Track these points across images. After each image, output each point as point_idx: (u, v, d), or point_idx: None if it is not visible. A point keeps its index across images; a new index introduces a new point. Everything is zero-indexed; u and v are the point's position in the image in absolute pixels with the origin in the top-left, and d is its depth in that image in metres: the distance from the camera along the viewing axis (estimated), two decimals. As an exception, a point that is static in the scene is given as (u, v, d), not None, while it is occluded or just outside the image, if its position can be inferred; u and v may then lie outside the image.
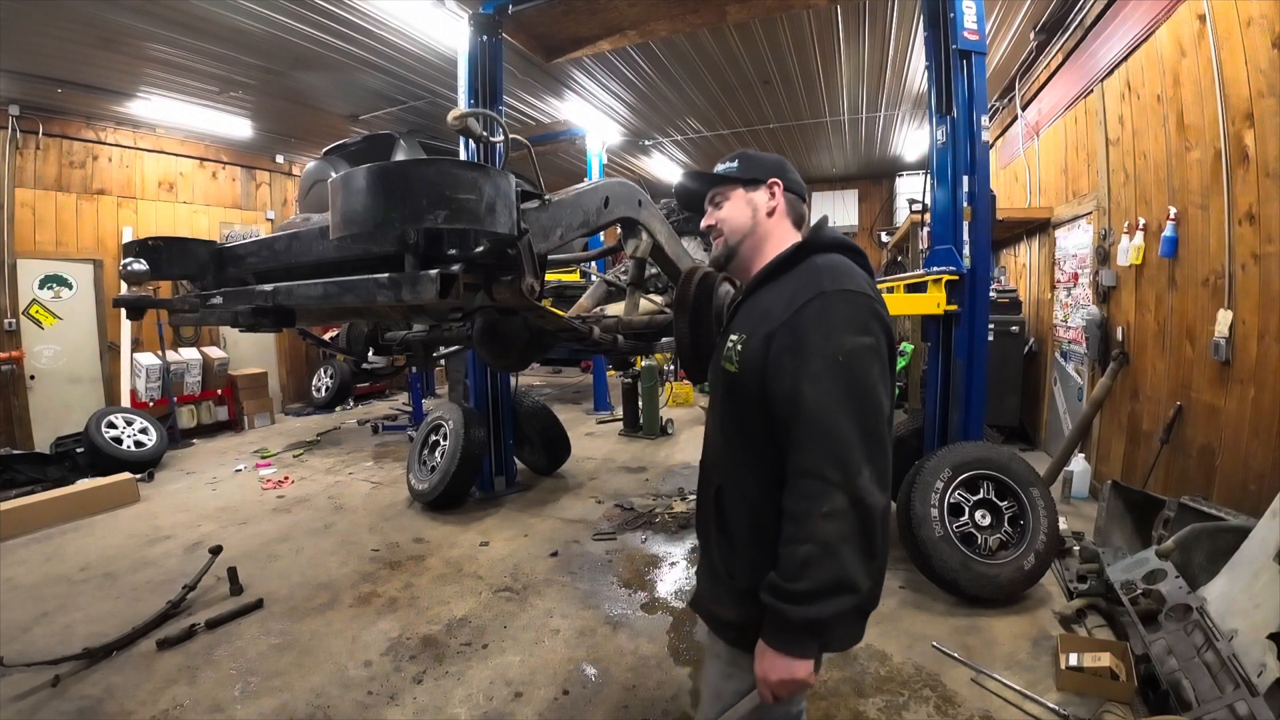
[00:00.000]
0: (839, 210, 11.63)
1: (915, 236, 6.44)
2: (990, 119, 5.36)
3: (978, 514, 3.16)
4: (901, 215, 9.28)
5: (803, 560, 1.03)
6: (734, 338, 1.24)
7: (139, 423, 6.00)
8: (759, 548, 1.17)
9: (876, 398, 1.08)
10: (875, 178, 11.34)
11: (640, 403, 6.85)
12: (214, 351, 7.46)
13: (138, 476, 5.30)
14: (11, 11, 4.21)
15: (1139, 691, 2.27)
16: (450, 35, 4.67)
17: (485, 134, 1.91)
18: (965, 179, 3.40)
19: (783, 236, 1.35)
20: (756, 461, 1.19)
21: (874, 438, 1.06)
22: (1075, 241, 5.00)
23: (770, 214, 1.36)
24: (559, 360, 10.47)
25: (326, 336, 5.63)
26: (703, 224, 1.44)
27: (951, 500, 3.14)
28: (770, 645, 1.08)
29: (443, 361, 7.36)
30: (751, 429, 1.20)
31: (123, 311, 2.49)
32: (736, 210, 1.37)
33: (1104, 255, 4.29)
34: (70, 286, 6.54)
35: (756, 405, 1.18)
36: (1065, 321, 5.19)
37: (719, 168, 1.41)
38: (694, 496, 4.73)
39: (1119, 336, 4.16)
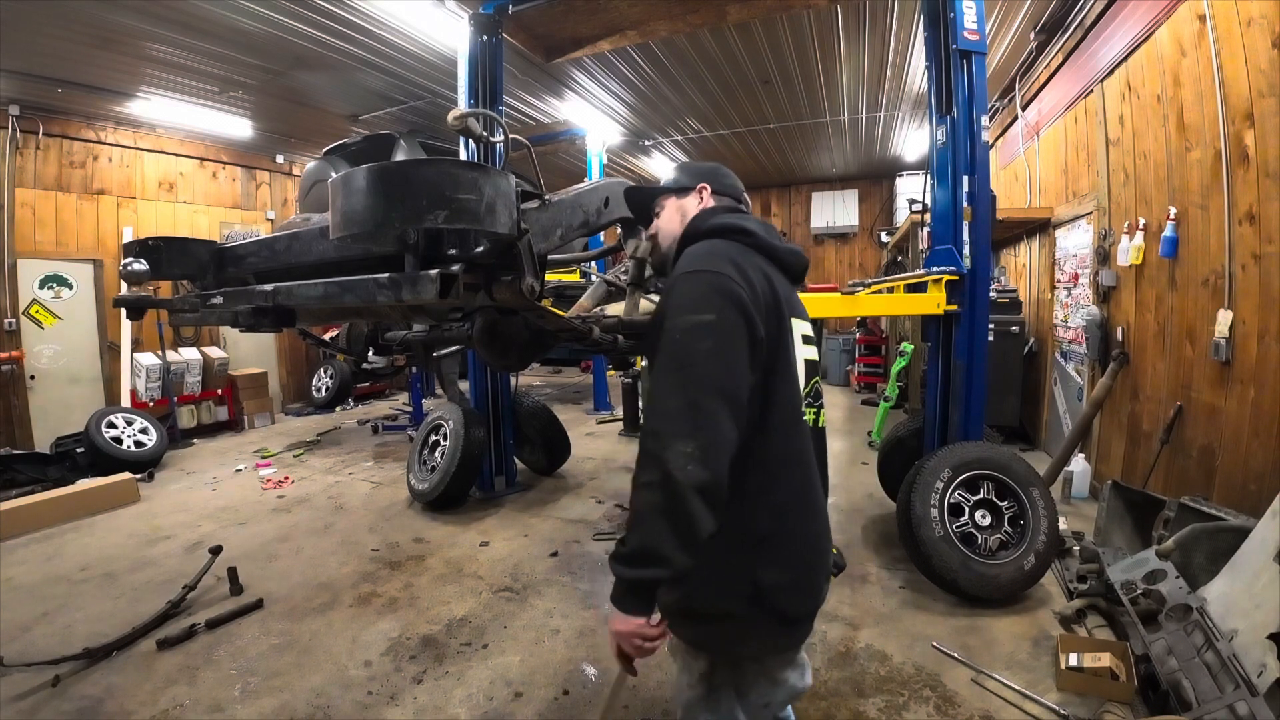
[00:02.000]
0: (839, 210, 11.62)
1: (915, 236, 6.44)
2: (990, 119, 5.36)
3: (978, 514, 3.16)
4: (901, 215, 9.27)
5: (628, 525, 1.08)
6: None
7: (139, 423, 6.00)
8: None
9: (705, 370, 1.06)
10: (875, 178, 11.33)
11: (640, 403, 6.85)
12: (214, 351, 7.46)
13: (138, 476, 5.30)
14: (11, 11, 4.21)
15: (1139, 691, 2.27)
16: (450, 35, 4.67)
17: (485, 134, 1.90)
18: (965, 179, 3.39)
19: None
20: None
21: (694, 410, 1.04)
22: (1075, 241, 5.00)
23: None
24: (559, 360, 10.46)
25: (326, 336, 5.63)
26: (645, 234, 1.54)
27: (951, 500, 3.14)
28: (612, 599, 1.12)
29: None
30: None
31: (123, 311, 2.49)
32: (668, 217, 1.46)
33: (1104, 255, 4.29)
34: (70, 286, 6.55)
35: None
36: (1065, 321, 5.19)
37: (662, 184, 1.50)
38: (694, 496, 4.74)
39: (1119, 336, 4.16)
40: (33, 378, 6.21)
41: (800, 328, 1.29)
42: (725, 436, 1.06)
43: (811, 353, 1.32)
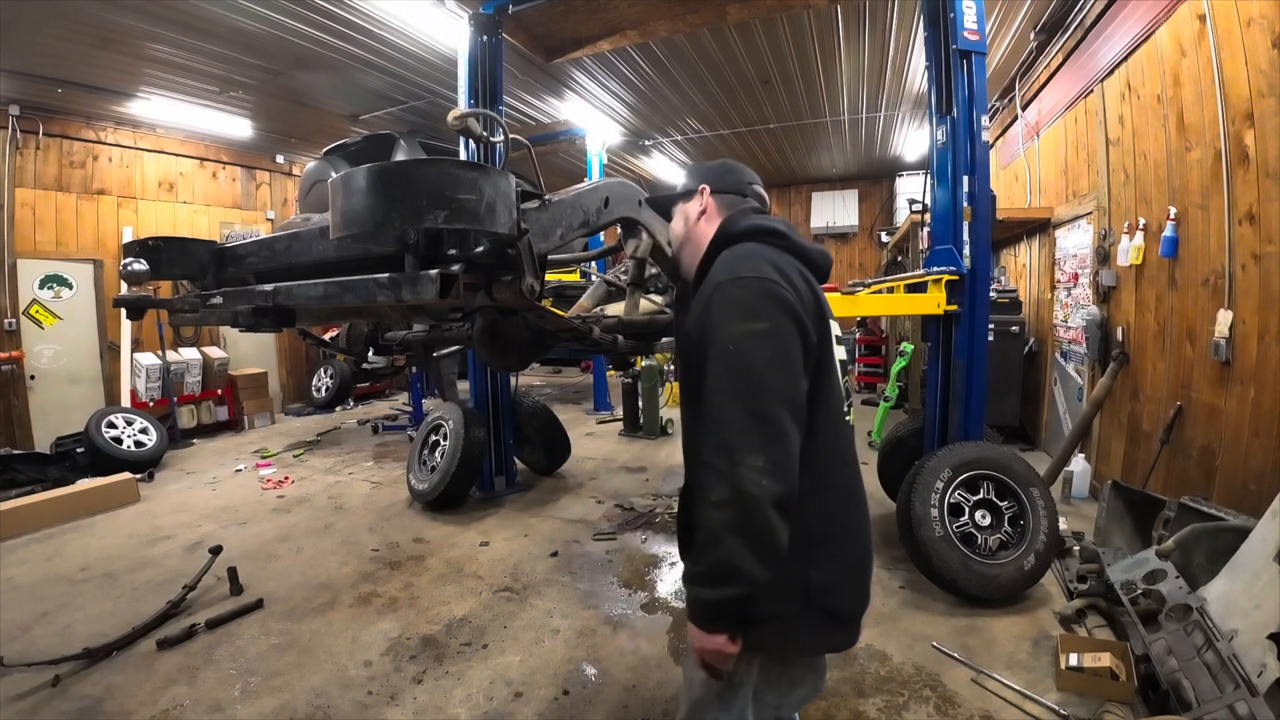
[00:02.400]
0: (839, 210, 11.62)
1: (915, 236, 6.44)
2: (990, 119, 5.36)
3: (978, 514, 3.16)
4: (901, 215, 9.27)
5: (700, 545, 1.06)
6: (678, 332, 1.33)
7: (139, 423, 6.00)
8: None
9: (769, 381, 1.05)
10: (875, 178, 11.33)
11: (640, 403, 6.85)
12: (214, 351, 7.46)
13: (138, 476, 5.30)
14: (11, 11, 4.21)
15: (1139, 691, 2.27)
16: (450, 35, 4.67)
17: (485, 134, 1.90)
18: (965, 179, 3.39)
19: (706, 233, 1.39)
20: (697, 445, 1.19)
21: (765, 423, 1.03)
22: (1075, 241, 5.00)
23: (700, 218, 1.43)
24: (559, 360, 10.46)
25: (326, 336, 5.63)
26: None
27: (951, 500, 3.14)
28: (690, 618, 1.12)
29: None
30: (691, 418, 1.25)
31: (123, 311, 2.49)
32: (675, 222, 1.50)
33: (1104, 255, 4.29)
34: (70, 286, 6.55)
35: (692, 397, 1.23)
36: (1065, 321, 5.19)
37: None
38: (694, 496, 4.74)
39: (1119, 336, 4.16)
40: (33, 378, 6.21)
41: (835, 330, 1.29)
42: (793, 446, 1.06)
43: (842, 352, 1.31)
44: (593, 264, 4.75)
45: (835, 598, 1.19)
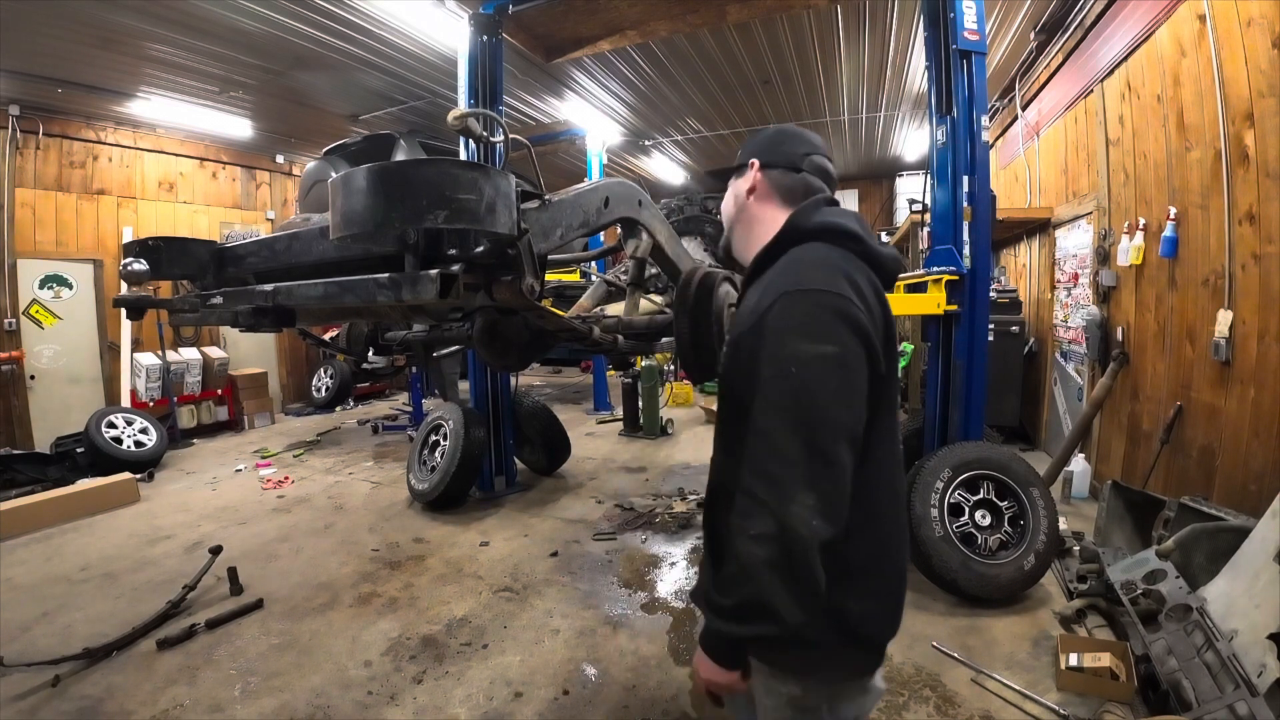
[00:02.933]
0: (839, 210, 11.61)
1: (915, 236, 6.44)
2: (990, 119, 5.36)
3: (978, 514, 3.16)
4: (901, 215, 9.27)
5: (728, 577, 0.97)
6: (728, 338, 1.17)
7: (139, 423, 6.00)
8: None
9: (832, 414, 0.95)
10: (875, 178, 11.33)
11: (640, 403, 6.85)
12: (214, 351, 7.46)
13: (138, 476, 5.30)
14: (11, 11, 4.22)
15: (1139, 691, 2.27)
16: (450, 35, 4.67)
17: (485, 134, 1.90)
18: (965, 179, 3.40)
19: (768, 218, 1.23)
20: (736, 465, 1.04)
21: (823, 460, 0.93)
22: (1075, 241, 5.00)
23: (749, 195, 1.27)
24: (559, 360, 10.46)
25: (326, 336, 5.63)
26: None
27: (951, 500, 3.14)
28: (700, 644, 1.05)
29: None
30: (730, 433, 1.12)
31: (123, 311, 2.49)
32: (726, 200, 1.34)
33: (1104, 255, 4.29)
34: (70, 286, 6.55)
35: (734, 409, 1.10)
36: (1065, 321, 5.18)
37: None
38: (694, 497, 4.75)
39: (1119, 336, 4.16)
40: (33, 378, 6.21)
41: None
42: (847, 485, 0.96)
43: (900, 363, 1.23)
44: (593, 264, 4.75)
45: (872, 625, 1.12)
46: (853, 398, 0.97)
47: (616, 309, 2.80)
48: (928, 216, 3.80)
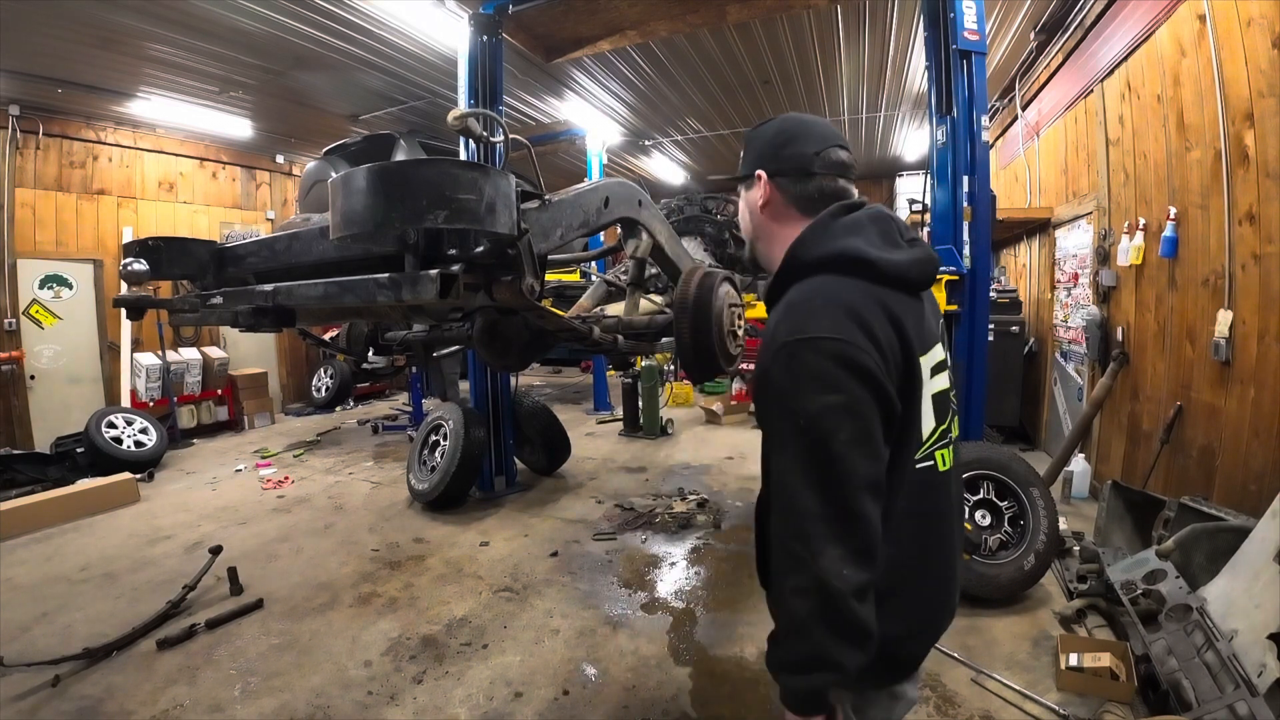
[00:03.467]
0: (839, 210, 11.61)
1: (915, 236, 6.43)
2: (990, 119, 5.36)
3: (978, 514, 3.16)
4: (901, 215, 9.26)
5: (781, 631, 0.98)
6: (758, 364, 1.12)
7: (139, 423, 6.00)
8: None
9: (847, 466, 0.93)
10: (875, 178, 11.33)
11: (640, 403, 6.85)
12: (214, 351, 7.46)
13: (138, 476, 5.30)
14: (11, 11, 4.21)
15: (1139, 691, 2.27)
16: (450, 35, 4.67)
17: (485, 134, 1.90)
18: (965, 179, 3.40)
19: (789, 235, 1.15)
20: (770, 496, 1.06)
21: (842, 512, 0.92)
22: (1075, 241, 5.00)
23: (763, 210, 1.20)
24: (559, 360, 10.46)
25: (326, 336, 5.63)
26: None
27: (951, 500, 3.13)
28: (783, 702, 1.01)
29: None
30: (765, 454, 1.08)
31: (123, 311, 2.49)
32: (741, 214, 1.29)
33: (1104, 255, 4.29)
34: (70, 286, 6.55)
35: (765, 434, 1.06)
36: (1065, 321, 5.19)
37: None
38: (694, 497, 4.75)
39: (1119, 336, 4.16)
40: (33, 378, 6.21)
41: (930, 359, 1.08)
42: (875, 529, 0.95)
43: (943, 382, 1.13)
44: (593, 264, 4.75)
45: (899, 646, 1.10)
46: (868, 444, 0.95)
47: (616, 309, 2.80)
48: (928, 216, 3.80)
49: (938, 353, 1.13)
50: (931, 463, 1.09)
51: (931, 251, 1.14)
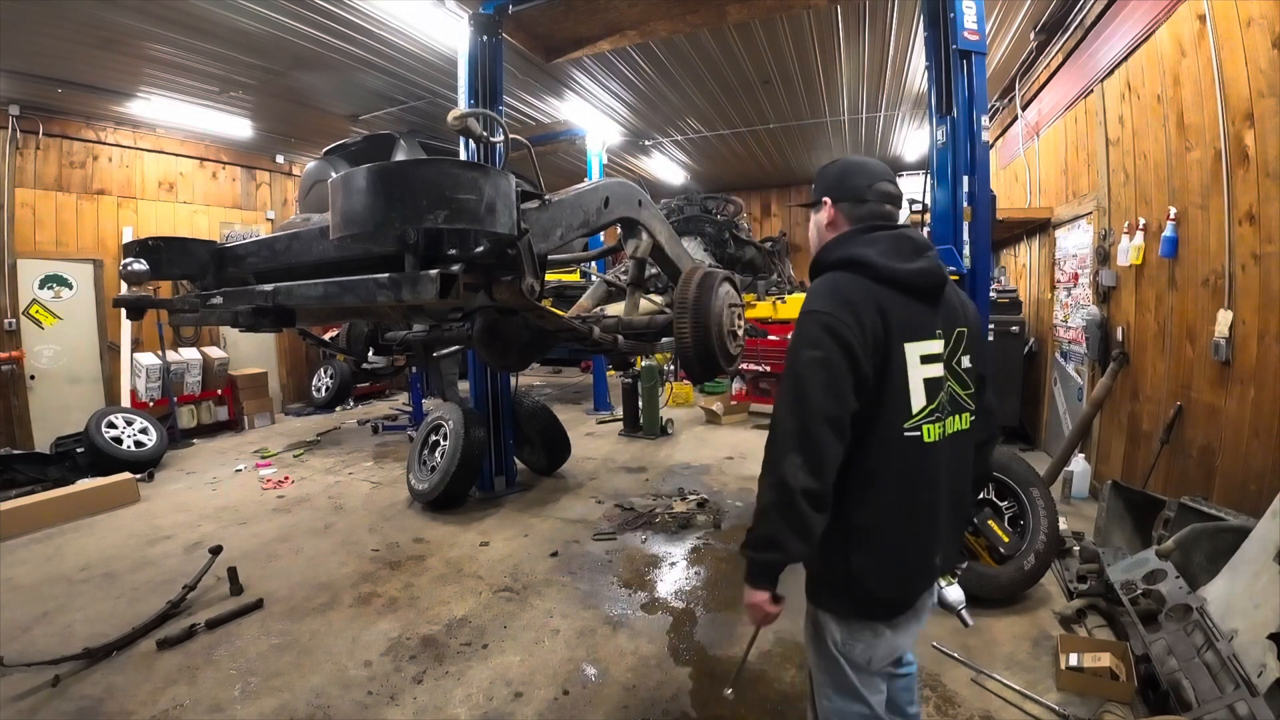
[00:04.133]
0: (839, 210, 11.60)
1: (915, 236, 6.43)
2: (990, 119, 5.36)
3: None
4: (902, 215, 9.26)
5: (755, 515, 1.32)
6: None
7: (139, 423, 6.00)
8: None
9: (811, 402, 1.28)
10: (875, 178, 11.32)
11: (640, 403, 6.85)
12: (214, 351, 7.46)
13: (138, 476, 5.30)
14: (11, 11, 4.21)
15: (1139, 691, 2.27)
16: (450, 35, 4.67)
17: (485, 134, 1.90)
18: (965, 179, 3.39)
19: None
20: None
21: (805, 432, 1.27)
22: (1075, 241, 5.00)
23: (829, 227, 1.53)
24: (559, 360, 10.46)
25: (326, 336, 5.63)
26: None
27: (951, 500, 3.13)
28: (744, 575, 1.37)
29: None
30: None
31: (123, 311, 2.49)
32: (811, 231, 1.62)
33: (1104, 255, 4.29)
34: (70, 286, 6.55)
35: None
36: (1065, 321, 5.19)
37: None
38: (694, 497, 4.75)
39: (1119, 336, 4.16)
40: (33, 378, 6.21)
41: (921, 349, 1.37)
42: (830, 453, 1.27)
43: (935, 370, 1.40)
44: (593, 264, 4.75)
45: (871, 580, 1.38)
46: (833, 389, 1.28)
47: (616, 309, 2.80)
48: (928, 216, 3.79)
49: (932, 346, 1.39)
50: (918, 433, 1.36)
51: (937, 264, 1.42)
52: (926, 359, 1.38)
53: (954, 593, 1.59)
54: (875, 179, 1.50)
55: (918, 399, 1.35)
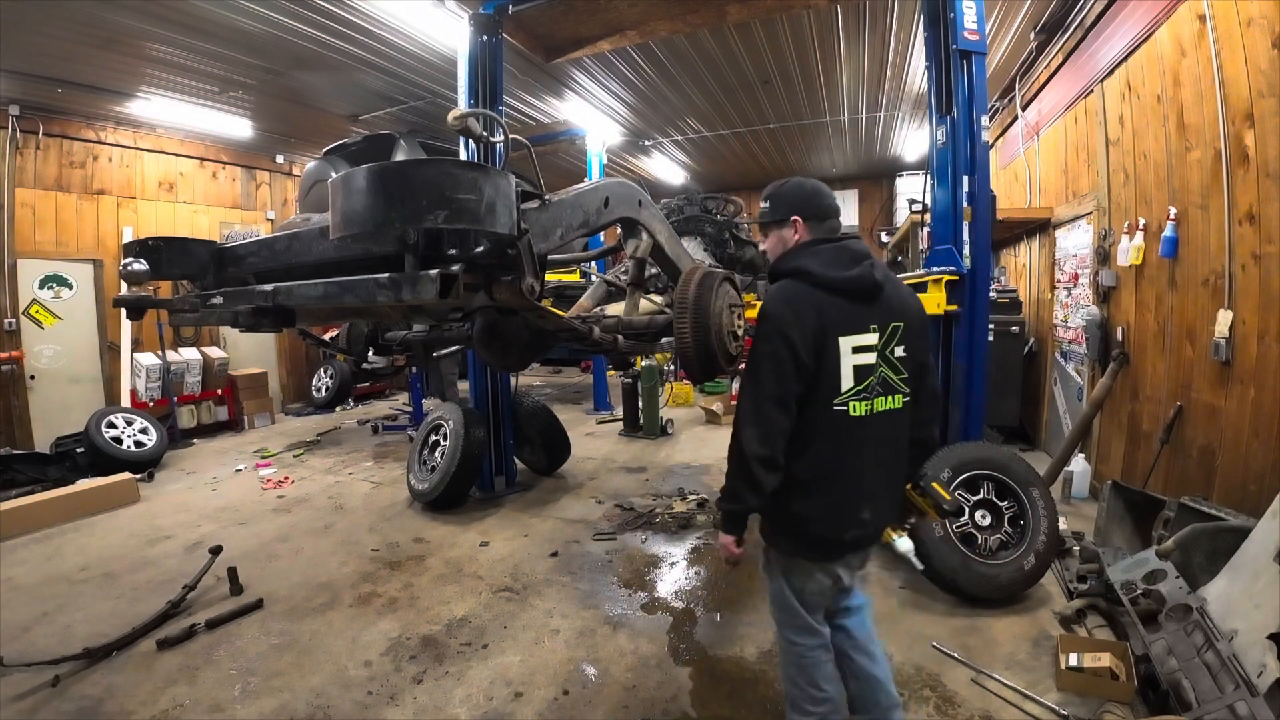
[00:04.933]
0: (839, 210, 11.60)
1: (915, 236, 6.45)
2: (990, 119, 5.36)
3: (978, 514, 3.16)
4: (901, 215, 9.27)
5: (726, 476, 1.72)
6: None
7: (139, 423, 6.00)
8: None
9: (765, 385, 1.63)
10: (875, 178, 11.33)
11: (640, 403, 6.85)
12: (214, 351, 7.46)
13: (138, 476, 5.30)
14: (11, 11, 4.22)
15: (1139, 692, 2.27)
16: (450, 35, 4.67)
17: (485, 134, 1.90)
18: (965, 179, 3.40)
19: None
20: None
21: (758, 410, 1.63)
22: (1075, 241, 5.00)
23: (795, 242, 1.81)
24: (559, 360, 10.46)
25: (326, 336, 5.63)
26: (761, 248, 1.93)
27: (951, 500, 3.13)
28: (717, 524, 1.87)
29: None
30: None
31: (123, 311, 2.49)
32: (771, 246, 1.89)
33: (1104, 255, 4.28)
34: (70, 286, 6.55)
35: None
36: (1065, 321, 5.18)
37: (761, 205, 1.91)
38: (694, 497, 4.75)
39: (1119, 336, 4.16)
40: (33, 378, 6.21)
41: (853, 341, 1.67)
42: (776, 426, 1.63)
43: (866, 358, 1.68)
44: (593, 264, 4.75)
45: (811, 524, 1.73)
46: (778, 376, 1.62)
47: (616, 309, 2.80)
48: (928, 216, 3.80)
49: (866, 339, 1.68)
50: (845, 409, 1.67)
51: (871, 272, 1.70)
52: (859, 349, 1.67)
53: (904, 543, 1.99)
54: (831, 198, 1.84)
55: (847, 381, 1.66)
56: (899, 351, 1.72)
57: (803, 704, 1.85)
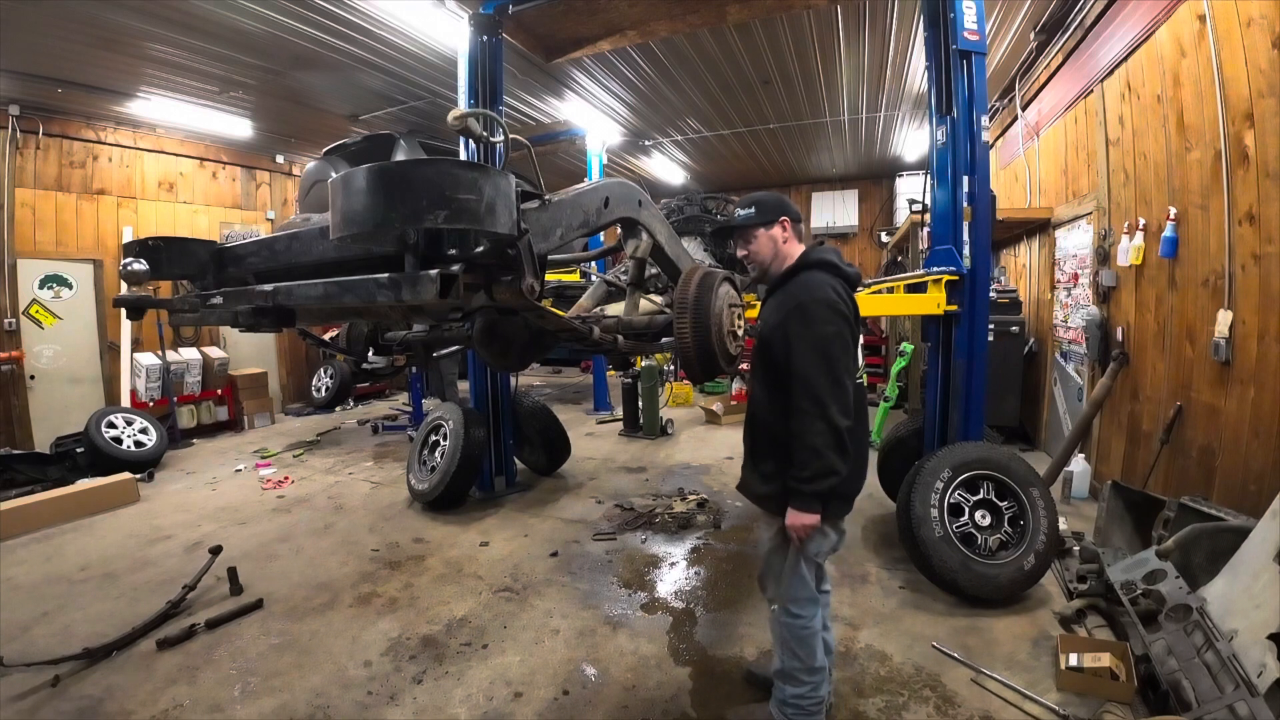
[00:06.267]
0: (839, 210, 11.61)
1: (915, 236, 6.44)
2: (990, 119, 5.36)
3: (978, 514, 3.16)
4: (901, 215, 9.27)
5: (804, 460, 1.85)
6: (761, 320, 2.09)
7: (139, 423, 6.00)
8: (771, 448, 2.01)
9: (839, 361, 1.86)
10: (875, 178, 11.33)
11: (640, 403, 6.85)
12: (214, 351, 7.46)
13: (138, 476, 5.30)
14: (11, 11, 4.21)
15: (1139, 692, 2.27)
16: (450, 35, 4.67)
17: (485, 134, 1.90)
18: (965, 179, 3.40)
19: (791, 254, 2.11)
20: (769, 398, 2.01)
21: (837, 385, 1.84)
22: (1075, 242, 5.00)
23: (785, 241, 2.11)
24: (559, 360, 10.47)
25: (326, 336, 5.62)
26: (738, 254, 2.19)
27: (951, 500, 3.14)
28: (794, 507, 1.91)
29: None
30: (766, 380, 2.03)
31: (123, 311, 2.49)
32: (762, 245, 2.11)
33: (1104, 255, 4.29)
34: (70, 286, 6.55)
35: (770, 366, 2.00)
36: (1065, 321, 5.19)
37: (740, 214, 2.12)
38: (694, 497, 4.75)
39: (1119, 336, 4.16)
40: (33, 378, 6.21)
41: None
42: (852, 399, 1.88)
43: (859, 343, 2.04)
44: (593, 264, 4.75)
45: (843, 484, 1.93)
46: (846, 352, 1.89)
47: (616, 309, 2.80)
48: (928, 216, 3.79)
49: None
50: (861, 380, 2.03)
51: (859, 271, 2.09)
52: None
53: None
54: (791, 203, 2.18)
55: (860, 360, 2.00)
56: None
57: (800, 675, 2.04)
